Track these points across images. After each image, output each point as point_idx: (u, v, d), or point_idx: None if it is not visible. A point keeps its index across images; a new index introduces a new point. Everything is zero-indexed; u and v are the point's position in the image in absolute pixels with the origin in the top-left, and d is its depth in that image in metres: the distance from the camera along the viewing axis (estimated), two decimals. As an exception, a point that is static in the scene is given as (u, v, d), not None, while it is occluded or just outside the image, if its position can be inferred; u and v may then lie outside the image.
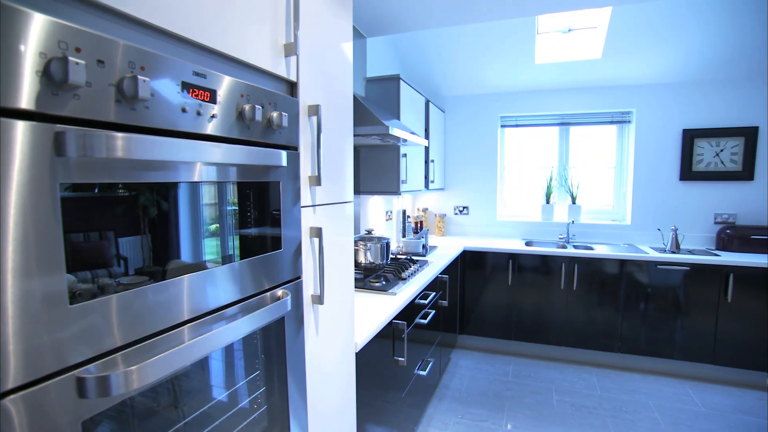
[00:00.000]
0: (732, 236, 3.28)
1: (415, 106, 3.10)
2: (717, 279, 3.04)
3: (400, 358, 1.92)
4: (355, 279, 2.21)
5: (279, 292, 1.01)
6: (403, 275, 2.26)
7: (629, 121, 3.75)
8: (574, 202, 3.80)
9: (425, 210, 4.13)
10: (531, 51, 3.41)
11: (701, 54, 3.26)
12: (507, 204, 4.19)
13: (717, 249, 3.39)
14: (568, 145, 3.96)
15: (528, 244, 3.67)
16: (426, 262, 2.76)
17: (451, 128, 4.14)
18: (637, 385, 3.04)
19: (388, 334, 1.83)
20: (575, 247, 3.55)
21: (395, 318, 1.87)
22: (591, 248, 3.46)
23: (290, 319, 1.08)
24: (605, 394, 2.92)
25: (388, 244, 2.45)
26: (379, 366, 1.80)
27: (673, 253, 3.26)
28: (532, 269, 3.41)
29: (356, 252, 2.41)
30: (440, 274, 2.72)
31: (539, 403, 2.79)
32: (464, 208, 4.14)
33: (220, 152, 0.79)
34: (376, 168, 2.82)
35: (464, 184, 4.13)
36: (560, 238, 3.77)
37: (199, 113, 0.77)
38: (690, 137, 3.51)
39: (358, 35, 2.52)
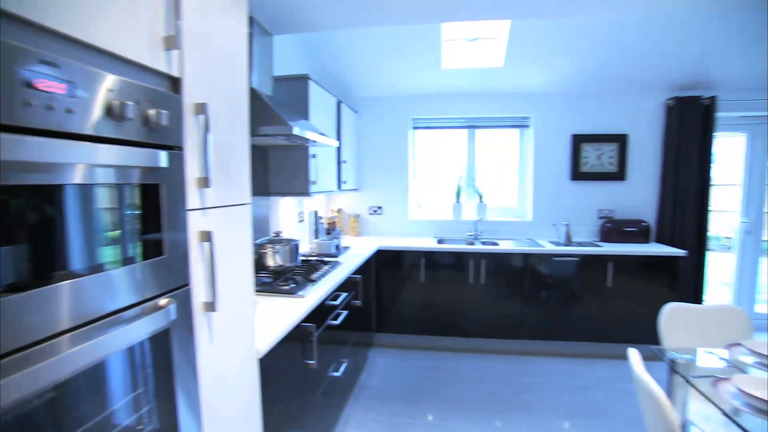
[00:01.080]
0: (611, 229, 3.73)
1: (325, 106, 3.08)
2: (600, 267, 3.43)
3: (310, 361, 1.89)
4: (263, 283, 2.15)
5: (162, 301, 0.94)
6: (313, 277, 2.24)
7: (528, 126, 4.08)
8: (481, 201, 4.05)
9: (339, 210, 4.13)
10: (438, 56, 3.56)
11: (584, 69, 3.64)
12: (420, 203, 4.34)
13: (600, 241, 3.83)
14: (475, 147, 4.20)
15: (440, 242, 3.83)
16: (338, 263, 2.76)
17: (364, 129, 4.18)
18: (540, 368, 3.32)
19: (296, 338, 1.80)
20: (483, 243, 3.78)
21: (304, 321, 1.85)
22: (496, 244, 3.71)
23: (178, 329, 1.01)
24: (511, 378, 3.15)
25: (297, 246, 2.41)
26: (289, 370, 1.76)
27: (566, 246, 3.61)
28: (443, 266, 3.57)
29: (264, 255, 2.34)
30: (353, 274, 2.74)
31: (452, 393, 2.93)
32: (378, 208, 4.21)
33: (78, 152, 0.72)
34: (285, 169, 2.77)
35: (378, 184, 4.20)
36: (469, 235, 3.99)
37: (50, 107, 0.69)
38: (578, 142, 3.92)
39: (263, 32, 2.45)
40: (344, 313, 2.45)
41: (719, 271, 4.30)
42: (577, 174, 3.93)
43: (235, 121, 1.31)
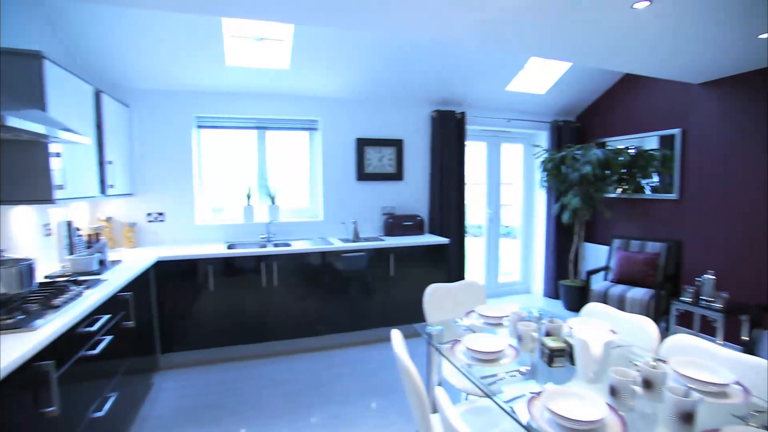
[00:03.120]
0: (392, 224, 4.20)
1: (76, 94, 2.57)
2: (384, 259, 3.82)
3: (48, 408, 1.53)
4: (-22, 318, 1.65)
5: None
6: (56, 302, 1.83)
7: (317, 129, 4.24)
8: (273, 203, 4.02)
9: (109, 219, 3.51)
10: (221, 52, 3.38)
11: (366, 79, 3.99)
12: (209, 207, 4.05)
13: (384, 235, 4.26)
14: (266, 148, 4.14)
15: (230, 247, 3.64)
16: (99, 281, 2.33)
17: (139, 126, 3.66)
18: (339, 359, 3.49)
19: (23, 383, 1.43)
20: (275, 245, 3.75)
21: (37, 358, 1.49)
22: (289, 245, 3.73)
23: None
24: (311, 375, 3.22)
25: (30, 267, 1.93)
26: (15, 428, 1.38)
27: (354, 242, 3.89)
28: (235, 272, 3.40)
29: (-22, 282, 1.79)
30: (121, 291, 2.36)
31: (252, 401, 2.82)
32: (159, 214, 3.75)
33: None
34: (15, 170, 2.19)
35: (159, 188, 3.74)
36: (262, 238, 3.92)
37: None
38: (361, 145, 4.27)
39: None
40: (107, 339, 2.08)
41: (476, 252, 5.31)
42: (362, 175, 4.29)
43: None
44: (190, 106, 3.78)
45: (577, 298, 4.57)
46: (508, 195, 5.43)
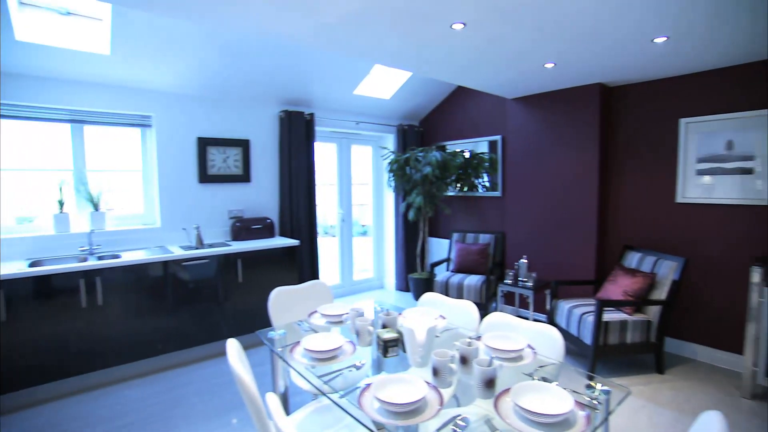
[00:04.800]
0: (240, 228, 3.99)
1: None
2: (231, 265, 3.61)
3: None
4: None
5: None
6: None
7: (150, 126, 3.79)
8: (96, 209, 3.46)
9: None
10: (7, 22, 2.74)
11: (208, 75, 3.72)
12: (6, 216, 3.29)
13: (232, 240, 4.03)
14: (84, 146, 3.54)
15: (34, 264, 3.01)
16: None
17: None
18: (189, 377, 3.18)
19: None
20: (100, 258, 3.24)
21: None
22: (118, 256, 3.26)
23: None
24: (149, 401, 2.86)
25: None
26: None
27: (197, 249, 3.58)
28: (40, 294, 2.80)
29: None
30: None
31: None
32: None
33: None
34: None
35: None
36: (82, 251, 3.34)
37: None
38: (204, 145, 3.96)
39: None
40: None
41: (331, 252, 5.38)
42: (205, 177, 3.98)
43: None
44: (-31, 91, 3.02)
45: (424, 289, 4.96)
46: (362, 195, 5.63)
